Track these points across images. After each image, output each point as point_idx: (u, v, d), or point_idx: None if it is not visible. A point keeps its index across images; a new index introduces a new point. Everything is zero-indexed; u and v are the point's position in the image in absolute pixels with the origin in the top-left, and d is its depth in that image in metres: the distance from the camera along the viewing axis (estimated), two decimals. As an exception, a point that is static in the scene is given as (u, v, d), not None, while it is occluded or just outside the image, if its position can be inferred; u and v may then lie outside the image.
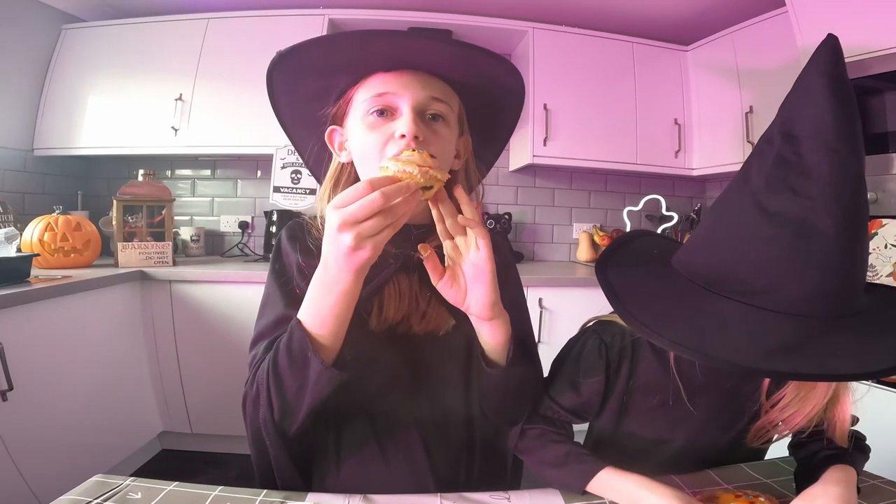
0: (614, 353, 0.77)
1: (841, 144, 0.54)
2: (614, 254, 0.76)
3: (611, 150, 2.60)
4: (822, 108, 0.55)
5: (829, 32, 0.60)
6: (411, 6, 2.48)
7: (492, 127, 0.87)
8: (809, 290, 0.54)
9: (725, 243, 0.61)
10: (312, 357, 0.63)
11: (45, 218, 2.04)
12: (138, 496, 0.65)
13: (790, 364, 0.52)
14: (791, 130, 0.57)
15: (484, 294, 0.67)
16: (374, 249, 0.59)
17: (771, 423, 0.73)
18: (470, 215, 0.67)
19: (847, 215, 0.52)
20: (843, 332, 0.55)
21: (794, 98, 0.60)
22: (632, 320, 0.60)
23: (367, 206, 0.56)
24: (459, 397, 0.80)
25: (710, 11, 2.48)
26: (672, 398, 0.73)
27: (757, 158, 0.61)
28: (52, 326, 1.67)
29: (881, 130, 1.67)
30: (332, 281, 0.62)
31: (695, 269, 0.63)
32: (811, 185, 0.53)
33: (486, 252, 0.66)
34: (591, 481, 0.68)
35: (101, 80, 2.45)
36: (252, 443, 0.74)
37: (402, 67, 0.72)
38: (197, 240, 2.66)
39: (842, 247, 0.53)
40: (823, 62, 0.58)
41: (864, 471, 0.75)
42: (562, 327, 2.23)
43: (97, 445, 1.88)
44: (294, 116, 0.82)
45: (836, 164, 0.53)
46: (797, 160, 0.55)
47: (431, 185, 0.63)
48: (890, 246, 1.53)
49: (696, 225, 2.76)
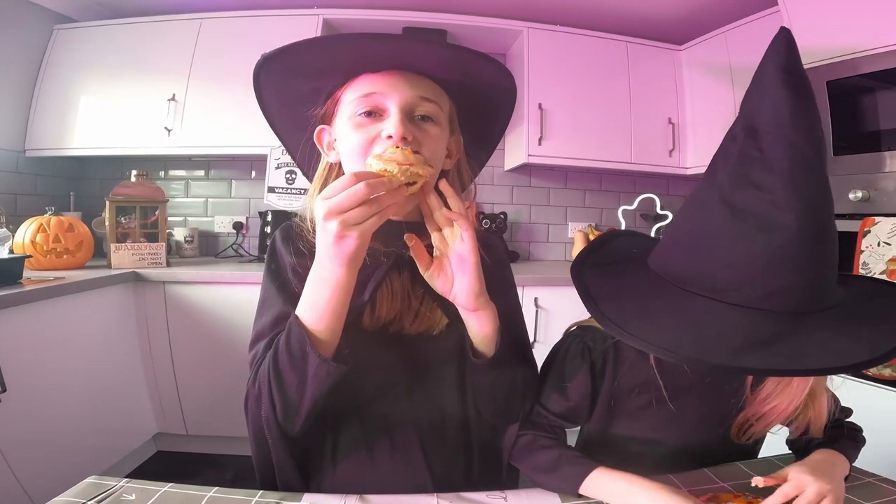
0: (598, 355, 0.77)
1: (799, 137, 0.54)
2: (592, 254, 0.76)
3: (605, 150, 2.61)
4: (780, 101, 0.55)
5: (781, 26, 0.61)
6: (406, 6, 2.48)
7: (484, 126, 0.87)
8: (778, 285, 0.54)
9: (695, 241, 0.61)
10: (310, 351, 0.64)
11: (37, 219, 2.03)
12: (133, 497, 0.64)
13: (761, 360, 0.53)
14: (753, 125, 0.58)
15: (468, 283, 0.69)
16: (360, 238, 0.60)
17: (754, 417, 0.73)
18: (456, 208, 0.68)
19: (808, 208, 0.53)
20: (816, 327, 0.55)
21: (753, 93, 0.60)
22: (604, 320, 0.61)
23: (351, 195, 0.58)
24: (455, 397, 0.80)
25: (704, 11, 2.50)
26: (658, 398, 0.74)
27: (722, 155, 0.61)
28: (45, 328, 1.65)
29: (874, 129, 1.69)
30: (326, 275, 0.64)
31: (668, 268, 0.64)
32: (773, 179, 0.54)
33: (471, 243, 0.67)
34: (582, 483, 0.68)
35: (93, 80, 2.43)
36: (254, 441, 0.74)
37: (390, 68, 0.72)
38: (191, 240, 2.65)
39: (805, 240, 0.53)
40: (778, 56, 0.58)
41: (861, 469, 0.76)
42: (557, 326, 2.21)
43: (92, 447, 1.87)
44: (283, 117, 0.82)
45: (795, 158, 0.53)
46: (759, 155, 0.55)
47: (415, 181, 0.65)
48: (883, 244, 1.54)
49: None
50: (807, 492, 0.61)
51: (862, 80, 1.68)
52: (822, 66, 1.75)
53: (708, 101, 2.56)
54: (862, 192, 1.64)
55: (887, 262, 1.52)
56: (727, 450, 0.79)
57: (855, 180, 1.68)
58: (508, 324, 0.75)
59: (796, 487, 0.62)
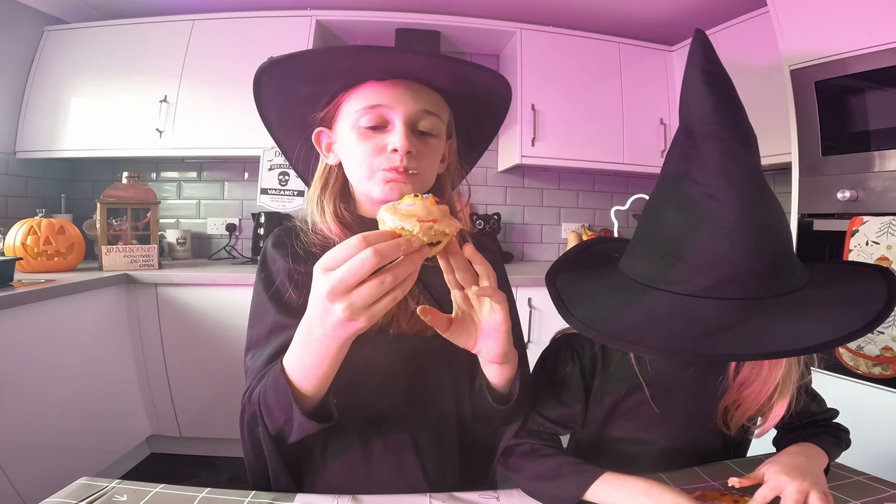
0: (586, 360, 0.78)
1: (725, 133, 0.58)
2: (568, 261, 0.78)
3: (598, 150, 2.62)
4: (704, 100, 0.59)
5: (696, 28, 0.65)
6: (399, 7, 2.48)
7: (478, 131, 0.88)
8: (728, 273, 0.56)
9: (652, 240, 0.64)
10: (296, 408, 0.61)
11: (27, 221, 2.01)
12: (124, 498, 0.64)
13: (723, 346, 0.54)
14: (688, 125, 0.61)
15: (497, 345, 0.64)
16: (369, 321, 0.53)
17: (733, 405, 0.74)
18: (485, 279, 0.61)
19: (744, 198, 0.55)
20: (777, 311, 0.56)
21: (683, 95, 0.63)
22: (570, 318, 0.62)
23: (357, 267, 0.49)
24: (449, 397, 0.80)
25: (695, 12, 2.52)
26: (645, 398, 0.75)
27: (669, 155, 0.64)
28: (36, 330, 1.64)
29: (863, 129, 1.70)
30: (315, 344, 0.58)
31: (633, 267, 0.66)
32: (707, 173, 0.57)
33: (503, 314, 0.62)
34: (588, 489, 0.66)
35: (84, 81, 2.42)
36: (248, 444, 0.74)
37: (394, 77, 0.73)
38: (183, 242, 2.64)
39: (746, 228, 0.55)
40: (696, 57, 0.61)
41: (849, 467, 0.77)
42: (550, 327, 2.22)
43: (84, 449, 1.86)
44: (282, 118, 0.82)
45: (724, 152, 0.57)
46: (695, 152, 0.59)
47: (439, 241, 0.55)
48: (871, 243, 1.55)
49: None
50: (787, 492, 0.61)
51: (850, 81, 1.69)
52: (811, 66, 1.77)
53: (699, 101, 2.58)
54: (850, 192, 1.66)
55: (875, 261, 1.54)
56: (720, 446, 0.80)
57: (843, 180, 1.69)
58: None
59: (773, 489, 0.62)
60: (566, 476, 0.69)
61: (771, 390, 0.70)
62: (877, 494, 0.70)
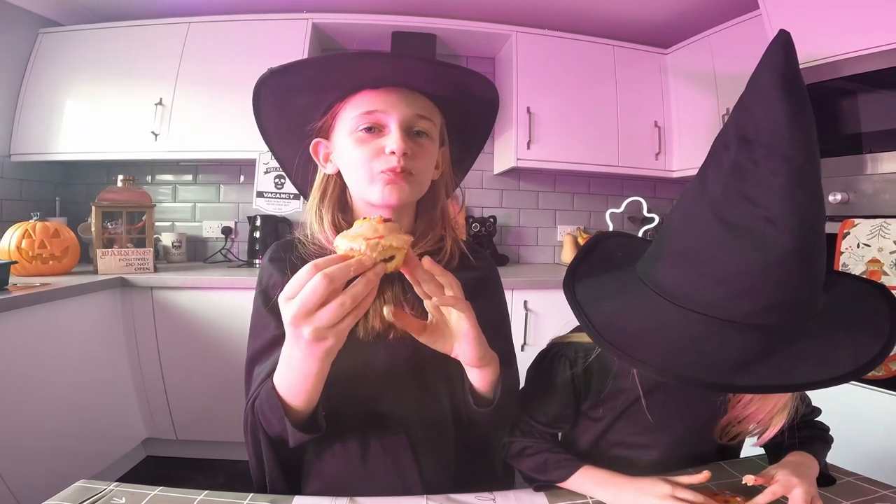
0: (579, 369, 0.79)
1: (796, 151, 0.52)
2: (580, 265, 0.76)
3: (593, 153, 2.63)
4: (776, 111, 0.52)
5: (780, 28, 0.57)
6: (395, 10, 2.49)
7: (469, 137, 0.91)
8: (772, 301, 0.54)
9: (687, 255, 0.59)
10: (287, 422, 0.65)
11: (22, 225, 2.00)
12: (122, 501, 0.64)
13: (753, 377, 0.54)
14: (746, 134, 0.55)
15: (470, 350, 0.68)
16: (337, 338, 0.57)
17: (735, 420, 0.76)
18: (448, 289, 0.64)
19: (804, 225, 0.51)
20: (804, 339, 0.56)
21: (748, 99, 0.57)
22: (605, 345, 0.60)
23: (311, 293, 0.53)
24: (445, 399, 0.81)
25: (688, 14, 2.53)
26: (642, 407, 0.76)
27: (714, 163, 0.59)
28: (31, 334, 1.64)
29: (854, 132, 1.71)
30: (297, 364, 0.61)
31: (659, 282, 0.62)
32: (768, 195, 0.52)
33: (469, 322, 0.66)
34: (569, 479, 0.73)
35: (79, 84, 2.41)
36: (251, 449, 0.75)
37: (389, 85, 0.75)
38: (179, 246, 2.63)
39: (800, 257, 0.52)
40: (776, 61, 0.54)
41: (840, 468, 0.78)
42: (546, 329, 2.23)
43: (80, 452, 1.85)
44: (279, 131, 0.84)
45: (792, 174, 0.51)
46: (753, 168, 0.53)
47: (393, 256, 0.57)
48: (863, 245, 1.57)
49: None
50: (795, 493, 0.63)
51: (842, 83, 1.71)
52: (803, 69, 1.76)
53: (693, 104, 2.60)
54: (841, 195, 1.67)
55: (867, 263, 1.55)
56: (714, 450, 0.82)
57: (835, 182, 1.71)
58: (496, 334, 0.76)
59: (784, 487, 0.64)
60: (550, 470, 0.75)
61: (779, 407, 0.72)
62: (868, 495, 0.70)
